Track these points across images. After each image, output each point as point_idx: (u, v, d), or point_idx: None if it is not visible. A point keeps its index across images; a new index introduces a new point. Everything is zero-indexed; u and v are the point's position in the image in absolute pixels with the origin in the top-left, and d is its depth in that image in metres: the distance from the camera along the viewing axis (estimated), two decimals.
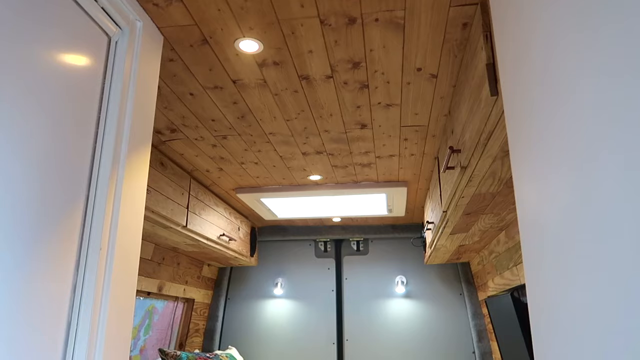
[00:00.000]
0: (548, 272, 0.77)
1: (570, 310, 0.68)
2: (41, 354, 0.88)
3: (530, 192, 0.85)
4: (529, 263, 0.88)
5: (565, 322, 0.70)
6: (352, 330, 3.57)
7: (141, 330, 2.88)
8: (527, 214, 0.88)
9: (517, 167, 0.92)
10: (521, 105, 0.87)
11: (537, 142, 0.80)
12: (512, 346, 2.54)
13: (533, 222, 0.84)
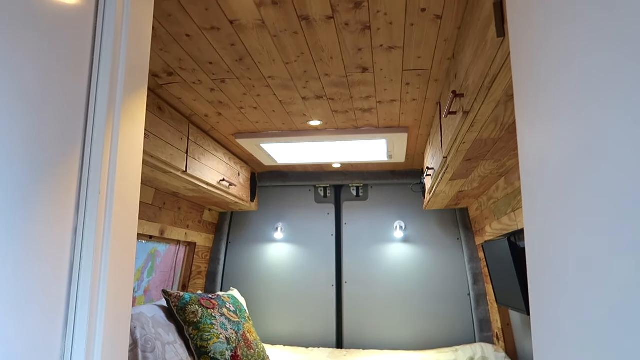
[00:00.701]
0: (547, 216, 0.77)
1: (567, 253, 0.69)
2: (46, 293, 0.90)
3: (533, 135, 0.84)
4: (529, 207, 0.88)
5: (561, 266, 0.71)
6: (351, 273, 3.66)
7: (144, 272, 2.95)
8: (529, 158, 0.87)
9: (521, 110, 0.90)
10: (529, 47, 0.84)
11: (543, 85, 0.78)
12: (506, 288, 2.61)
13: (534, 166, 0.83)
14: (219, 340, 2.50)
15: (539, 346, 0.82)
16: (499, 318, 3.16)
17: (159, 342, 2.24)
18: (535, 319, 0.84)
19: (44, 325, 0.90)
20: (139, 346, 2.11)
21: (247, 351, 2.61)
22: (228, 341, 2.54)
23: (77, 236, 0.97)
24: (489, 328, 3.38)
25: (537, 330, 0.83)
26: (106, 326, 0.96)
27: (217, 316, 2.62)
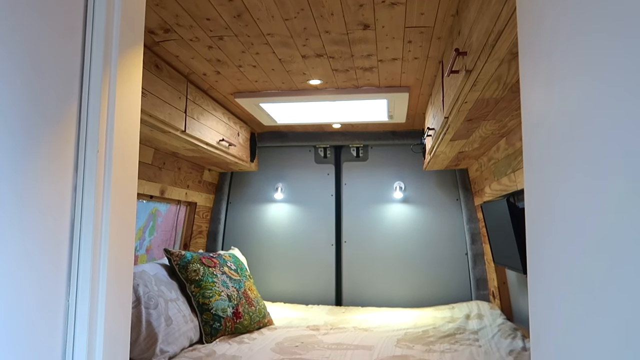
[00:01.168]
0: (548, 176, 0.77)
1: (567, 213, 0.69)
2: (49, 250, 0.91)
3: (537, 94, 0.83)
4: (530, 167, 0.87)
5: (560, 226, 0.71)
6: (350, 233, 3.70)
7: (146, 231, 2.98)
8: (532, 117, 0.86)
9: (525, 69, 0.89)
10: (536, 1, 0.82)
11: (550, 42, 0.76)
12: (503, 248, 2.65)
13: (537, 126, 0.82)
14: (221, 298, 2.55)
15: (535, 303, 0.83)
16: (495, 277, 3.22)
17: (162, 299, 2.28)
18: (532, 277, 0.85)
19: (48, 282, 0.91)
20: (142, 303, 2.15)
21: (249, 308, 2.66)
22: (229, 298, 2.59)
23: (77, 194, 0.97)
24: (485, 286, 3.44)
25: (533, 288, 0.84)
26: (109, 282, 0.98)
27: (219, 274, 2.66)
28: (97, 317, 0.96)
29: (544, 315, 0.78)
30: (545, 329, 0.77)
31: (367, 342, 2.44)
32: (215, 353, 2.22)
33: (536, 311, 0.82)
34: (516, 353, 2.20)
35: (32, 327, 0.88)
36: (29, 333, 0.87)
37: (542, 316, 0.79)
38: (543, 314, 0.79)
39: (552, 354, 0.73)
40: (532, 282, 0.85)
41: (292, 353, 2.22)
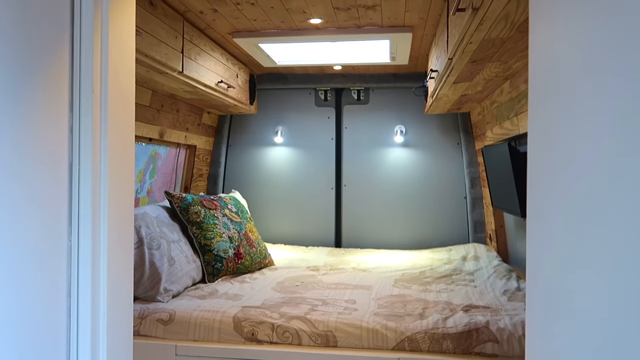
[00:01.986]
0: (553, 119, 0.75)
1: (569, 156, 0.68)
2: (49, 193, 0.91)
3: (546, 34, 0.80)
4: (534, 110, 0.86)
5: (563, 169, 0.70)
6: (350, 177, 3.71)
7: (146, 174, 2.98)
8: (540, 58, 0.83)
9: (535, 6, 0.85)
10: None
11: None
12: (502, 192, 2.66)
13: (545, 67, 0.80)
14: (222, 239, 2.59)
15: (532, 245, 0.84)
16: (493, 220, 3.26)
17: (164, 240, 2.32)
18: (531, 219, 0.86)
19: (49, 223, 0.92)
20: (144, 244, 2.19)
21: (250, 249, 2.72)
22: (231, 240, 2.63)
23: (74, 135, 0.95)
24: (482, 229, 3.50)
25: (531, 230, 0.85)
26: (110, 222, 0.98)
27: (220, 216, 2.69)
28: (99, 256, 0.97)
29: (541, 257, 0.79)
30: (541, 269, 0.78)
31: (365, 282, 2.50)
32: (218, 292, 2.28)
33: (533, 253, 0.83)
34: (510, 293, 2.26)
35: (36, 266, 0.89)
36: (33, 274, 0.88)
37: (539, 257, 0.80)
38: (540, 255, 0.80)
39: (546, 293, 0.75)
40: (531, 224, 0.85)
41: (293, 292, 2.28)
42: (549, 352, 0.72)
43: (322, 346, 1.86)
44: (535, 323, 0.79)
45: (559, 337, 0.68)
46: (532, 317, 0.81)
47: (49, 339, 0.95)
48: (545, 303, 0.75)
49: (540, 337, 0.77)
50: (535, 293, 0.80)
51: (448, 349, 1.79)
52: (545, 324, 0.75)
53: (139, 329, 1.94)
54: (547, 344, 0.73)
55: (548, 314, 0.74)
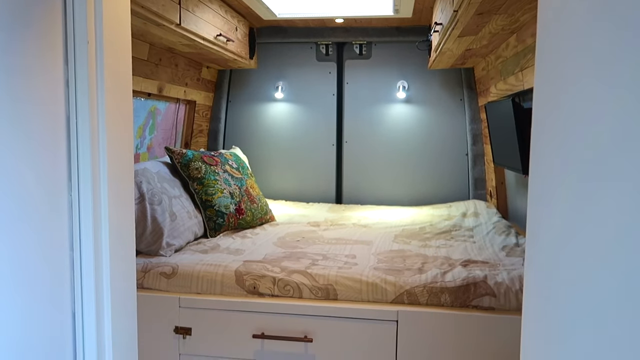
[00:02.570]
0: (561, 72, 0.73)
1: (575, 112, 0.66)
2: (45, 148, 0.90)
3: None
4: (542, 63, 0.83)
5: (568, 125, 0.69)
6: (352, 133, 3.69)
7: (146, 129, 2.96)
8: (550, 8, 0.80)
9: None
10: None
11: None
12: (504, 149, 2.65)
13: (554, 17, 0.77)
14: (223, 195, 2.60)
15: (534, 201, 0.84)
16: (494, 177, 3.26)
17: (165, 196, 2.33)
18: (533, 175, 0.85)
19: (49, 178, 0.91)
20: (146, 199, 2.20)
21: (251, 205, 2.73)
22: (232, 196, 2.64)
23: (70, 89, 0.94)
24: (483, 186, 3.50)
25: (533, 186, 0.85)
26: (110, 175, 0.98)
27: (220, 172, 2.69)
28: (100, 210, 0.97)
29: (542, 213, 0.79)
30: (542, 225, 0.78)
31: (365, 237, 2.53)
32: (220, 246, 2.31)
33: (534, 209, 0.83)
34: (509, 248, 2.28)
35: (37, 219, 0.90)
36: (34, 226, 0.89)
37: (540, 213, 0.80)
38: (541, 211, 0.79)
39: (546, 248, 0.75)
40: (533, 180, 0.85)
41: (294, 247, 2.31)
42: (547, 307, 0.73)
43: (323, 299, 1.90)
44: (533, 278, 0.80)
45: (557, 292, 0.69)
46: (531, 272, 0.81)
47: (53, 293, 0.96)
48: (544, 258, 0.76)
49: (538, 291, 0.78)
50: (534, 248, 0.80)
51: (446, 302, 1.82)
52: (544, 279, 0.75)
53: (142, 282, 1.98)
54: (545, 298, 0.74)
55: (547, 269, 0.74)
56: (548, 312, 0.72)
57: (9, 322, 0.84)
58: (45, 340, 0.94)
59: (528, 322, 0.81)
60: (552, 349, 0.69)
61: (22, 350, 0.87)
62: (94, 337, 1.01)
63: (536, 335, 0.77)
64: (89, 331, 1.01)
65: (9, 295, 0.83)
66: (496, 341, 1.77)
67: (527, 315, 0.82)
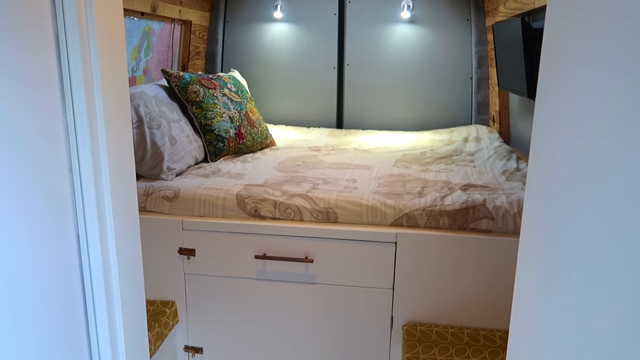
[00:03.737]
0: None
1: (589, 31, 0.62)
2: (34, 67, 0.87)
3: None
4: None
5: (580, 45, 0.65)
6: (353, 55, 3.58)
7: (141, 51, 2.87)
8: None
9: None
10: None
11: None
12: (510, 71, 2.58)
13: None
14: (223, 119, 2.57)
15: (539, 124, 0.82)
16: (497, 101, 3.21)
17: (164, 120, 2.30)
18: (541, 97, 0.82)
19: (40, 98, 0.89)
20: (144, 123, 2.17)
21: (251, 129, 2.71)
22: (231, 120, 2.61)
23: (57, 4, 0.88)
24: (486, 111, 3.45)
25: (540, 108, 0.82)
26: (105, 95, 0.95)
27: (219, 96, 2.64)
28: (97, 130, 0.96)
29: (547, 134, 0.77)
30: (547, 147, 0.77)
31: (366, 162, 2.53)
32: (221, 171, 2.32)
33: (539, 130, 0.81)
34: (509, 173, 2.29)
35: (33, 139, 0.88)
36: (31, 145, 0.88)
37: (545, 135, 0.78)
38: (546, 133, 0.78)
39: (549, 170, 0.74)
40: (540, 103, 0.82)
41: (294, 171, 2.32)
42: (545, 229, 0.74)
43: (323, 222, 1.93)
44: (533, 200, 0.80)
45: (559, 215, 0.69)
46: (531, 195, 0.81)
47: (57, 217, 0.97)
48: (546, 181, 0.75)
49: (537, 214, 0.78)
50: (536, 171, 0.80)
51: (444, 225, 1.86)
52: (544, 201, 0.75)
53: (145, 205, 2.00)
54: (544, 221, 0.75)
55: (548, 192, 0.74)
56: (546, 234, 0.73)
57: (15, 251, 0.85)
58: (53, 264, 0.96)
59: (525, 244, 0.82)
60: (548, 267, 0.70)
61: (31, 275, 0.89)
62: (99, 258, 1.03)
63: (532, 256, 0.78)
64: (94, 253, 1.03)
65: (9, 217, 0.84)
66: (492, 263, 1.82)
67: (524, 237, 0.83)
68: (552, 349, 0.65)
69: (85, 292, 1.06)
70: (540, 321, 0.71)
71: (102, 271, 1.02)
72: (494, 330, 1.83)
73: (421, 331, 1.83)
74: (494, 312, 1.84)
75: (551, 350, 0.65)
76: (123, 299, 1.09)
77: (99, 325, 1.06)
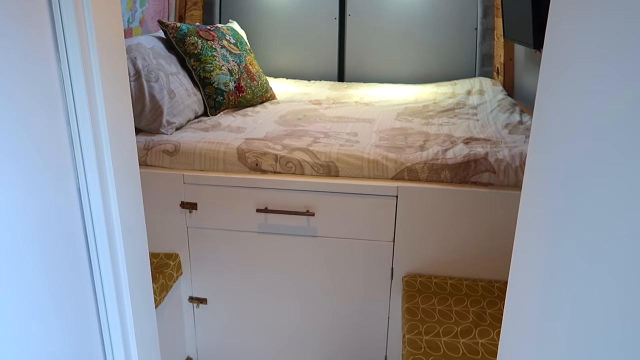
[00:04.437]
0: None
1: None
2: (25, 12, 0.84)
3: None
4: None
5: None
6: (355, 5, 3.47)
7: (136, 1, 2.79)
8: None
9: None
10: None
11: None
12: (517, 21, 2.51)
13: None
14: (222, 72, 2.52)
15: (546, 72, 0.80)
16: (502, 53, 3.14)
17: (162, 73, 2.26)
18: (549, 48, 0.80)
19: (34, 45, 0.86)
20: (142, 76, 2.14)
21: (250, 82, 2.66)
22: (231, 73, 2.56)
23: None
24: (490, 63, 3.38)
25: (547, 60, 0.80)
26: (99, 44, 0.93)
27: (218, 48, 2.58)
28: (94, 86, 0.94)
29: (554, 84, 0.75)
30: (552, 97, 0.75)
31: (368, 115, 2.50)
32: (221, 125, 2.30)
33: (545, 80, 0.79)
34: (512, 126, 2.27)
35: (25, 87, 0.87)
36: (24, 95, 0.86)
37: (552, 85, 0.76)
38: (552, 83, 0.76)
39: (553, 120, 0.73)
40: (547, 53, 0.80)
41: (295, 125, 2.30)
42: (550, 182, 0.73)
43: (324, 175, 1.93)
44: (537, 150, 0.79)
45: (561, 168, 0.68)
46: (535, 146, 0.80)
47: (56, 169, 0.96)
48: (550, 133, 0.74)
49: (541, 167, 0.77)
50: (541, 121, 0.78)
51: (446, 178, 1.85)
52: (548, 151, 0.74)
53: (145, 160, 1.99)
54: (547, 173, 0.74)
55: (552, 143, 0.73)
56: (548, 187, 0.72)
57: (15, 205, 0.85)
58: (55, 218, 0.96)
59: (527, 197, 0.81)
60: (548, 220, 0.70)
61: (30, 228, 0.90)
62: (101, 211, 1.04)
63: (533, 209, 0.78)
64: (95, 206, 1.04)
65: (10, 168, 0.83)
66: (493, 216, 1.83)
67: (526, 190, 0.82)
68: (550, 299, 0.66)
69: (89, 246, 1.07)
70: (539, 272, 0.72)
71: (105, 224, 1.03)
72: (493, 282, 1.87)
73: (421, 282, 1.86)
74: (493, 263, 1.87)
75: (549, 300, 0.66)
76: (127, 251, 1.10)
77: (104, 277, 1.08)
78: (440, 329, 1.63)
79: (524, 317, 0.76)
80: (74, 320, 1.06)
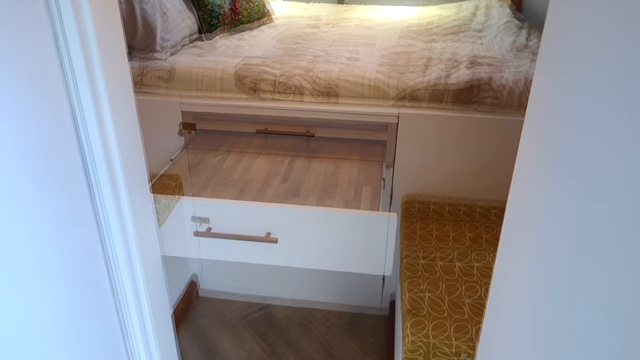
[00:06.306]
0: None
1: None
2: None
3: None
4: None
5: None
6: None
7: None
8: None
9: None
10: None
11: None
12: None
13: None
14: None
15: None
16: None
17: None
18: None
19: None
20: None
21: (246, 4, 2.54)
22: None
23: None
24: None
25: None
26: None
27: None
28: (81, 6, 0.89)
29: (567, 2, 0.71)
30: (560, 16, 0.71)
31: (368, 37, 2.42)
32: (216, 49, 2.22)
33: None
34: (517, 49, 2.20)
35: (13, 19, 0.82)
36: (10, 25, 0.82)
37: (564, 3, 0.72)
38: (559, 16, 0.72)
39: (562, 41, 0.70)
40: None
41: (293, 48, 2.22)
42: (555, 108, 0.71)
43: (324, 99, 1.89)
44: (544, 74, 0.76)
45: (568, 91, 0.66)
46: (542, 67, 0.77)
47: (47, 94, 0.94)
48: (558, 52, 0.71)
49: (547, 91, 0.75)
50: (550, 40, 0.75)
51: (447, 104, 1.82)
52: (555, 71, 0.72)
53: (141, 85, 1.95)
54: (554, 97, 0.72)
55: (559, 62, 0.70)
56: (553, 113, 0.70)
57: (7, 130, 0.83)
58: (50, 142, 0.95)
59: (530, 121, 0.80)
60: (551, 146, 0.69)
61: (32, 155, 0.89)
62: (97, 135, 1.02)
63: (536, 133, 0.76)
64: (92, 130, 1.02)
65: (8, 105, 0.81)
66: (495, 141, 1.81)
67: (530, 113, 0.80)
68: (547, 224, 0.66)
69: (88, 172, 1.06)
70: (538, 197, 0.72)
71: (102, 147, 1.02)
72: (490, 208, 1.89)
73: (419, 209, 1.89)
74: (492, 185, 1.88)
75: (545, 225, 0.67)
76: (126, 173, 1.10)
77: (105, 197, 1.08)
78: (437, 253, 1.67)
79: (520, 239, 0.77)
80: (77, 241, 1.08)
